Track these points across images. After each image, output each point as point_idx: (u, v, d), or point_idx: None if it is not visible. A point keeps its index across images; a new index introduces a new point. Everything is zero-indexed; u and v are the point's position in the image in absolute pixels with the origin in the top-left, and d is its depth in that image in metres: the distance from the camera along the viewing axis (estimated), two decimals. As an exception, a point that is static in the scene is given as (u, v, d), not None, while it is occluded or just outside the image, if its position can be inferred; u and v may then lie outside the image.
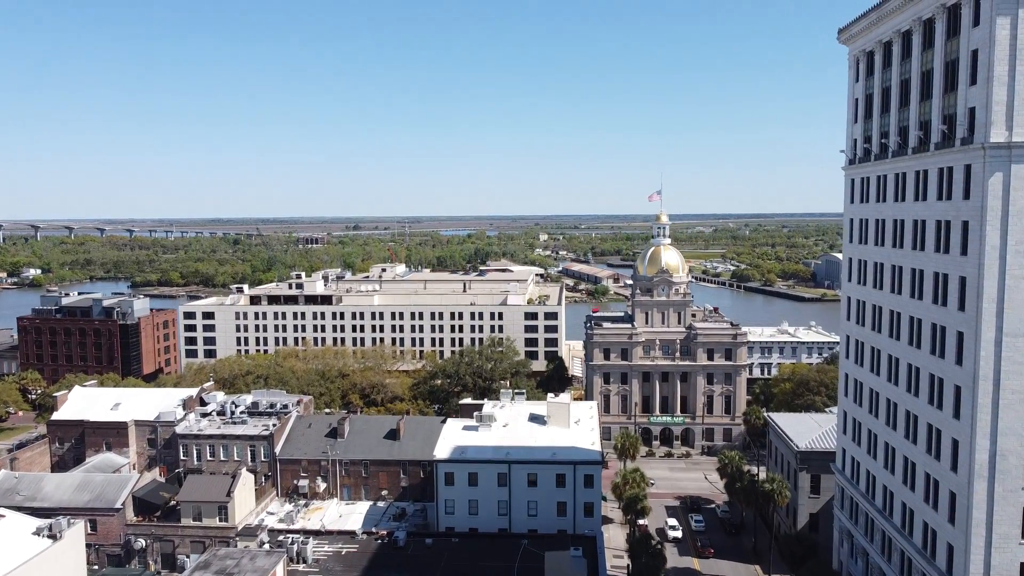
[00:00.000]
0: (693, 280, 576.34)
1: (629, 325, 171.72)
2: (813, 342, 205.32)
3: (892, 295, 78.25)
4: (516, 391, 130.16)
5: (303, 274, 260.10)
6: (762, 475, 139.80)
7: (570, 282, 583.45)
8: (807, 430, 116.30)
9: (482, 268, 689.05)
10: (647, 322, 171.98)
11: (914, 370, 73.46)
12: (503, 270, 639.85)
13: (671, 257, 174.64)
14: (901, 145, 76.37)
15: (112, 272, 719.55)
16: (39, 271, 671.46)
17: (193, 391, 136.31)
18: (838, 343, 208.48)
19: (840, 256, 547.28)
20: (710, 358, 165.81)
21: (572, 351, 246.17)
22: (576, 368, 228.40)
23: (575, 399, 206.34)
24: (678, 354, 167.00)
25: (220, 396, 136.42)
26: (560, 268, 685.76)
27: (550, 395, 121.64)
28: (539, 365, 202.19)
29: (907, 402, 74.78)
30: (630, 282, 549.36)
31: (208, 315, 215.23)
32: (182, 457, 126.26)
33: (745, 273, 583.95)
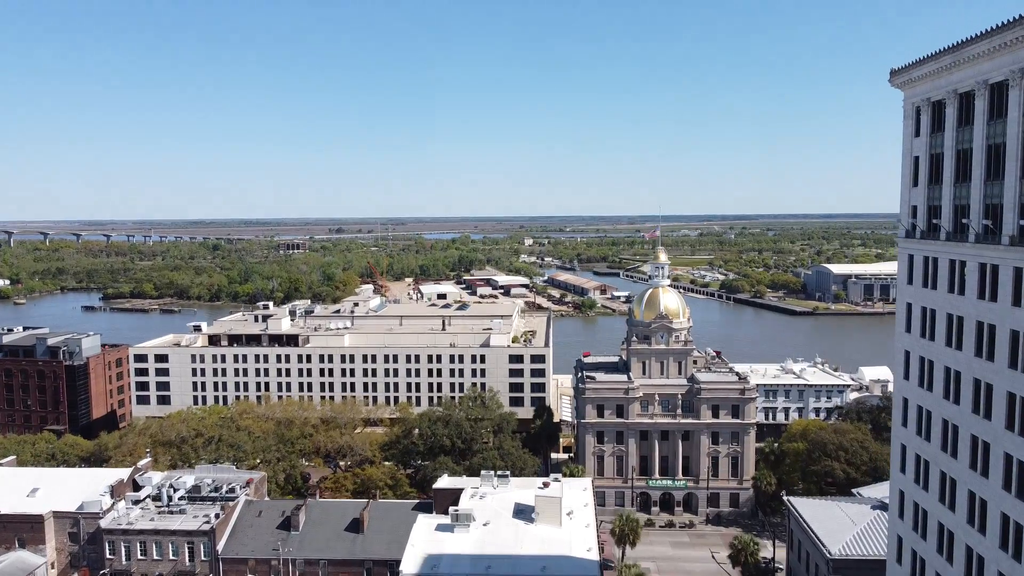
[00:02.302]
0: (681, 291, 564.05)
1: (624, 377, 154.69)
2: (822, 385, 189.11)
3: (975, 417, 61.57)
4: (499, 473, 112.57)
5: (271, 304, 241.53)
6: (779, 555, 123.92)
7: (556, 293, 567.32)
8: (838, 527, 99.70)
9: (466, 278, 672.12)
10: (644, 372, 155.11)
11: (1013, 524, 56.78)
12: (487, 280, 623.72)
13: (671, 300, 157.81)
14: (991, 230, 59.65)
15: (85, 282, 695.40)
16: (7, 282, 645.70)
17: (125, 472, 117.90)
18: (848, 386, 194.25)
19: (831, 268, 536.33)
20: (715, 415, 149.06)
21: (560, 387, 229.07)
22: (565, 408, 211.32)
23: (564, 447, 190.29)
24: (679, 411, 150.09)
25: (156, 477, 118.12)
26: (546, 278, 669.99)
27: (538, 488, 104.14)
28: (525, 412, 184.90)
29: (1000, 561, 58.12)
30: (617, 294, 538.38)
31: (161, 358, 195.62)
32: (108, 556, 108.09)
33: (734, 284, 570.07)
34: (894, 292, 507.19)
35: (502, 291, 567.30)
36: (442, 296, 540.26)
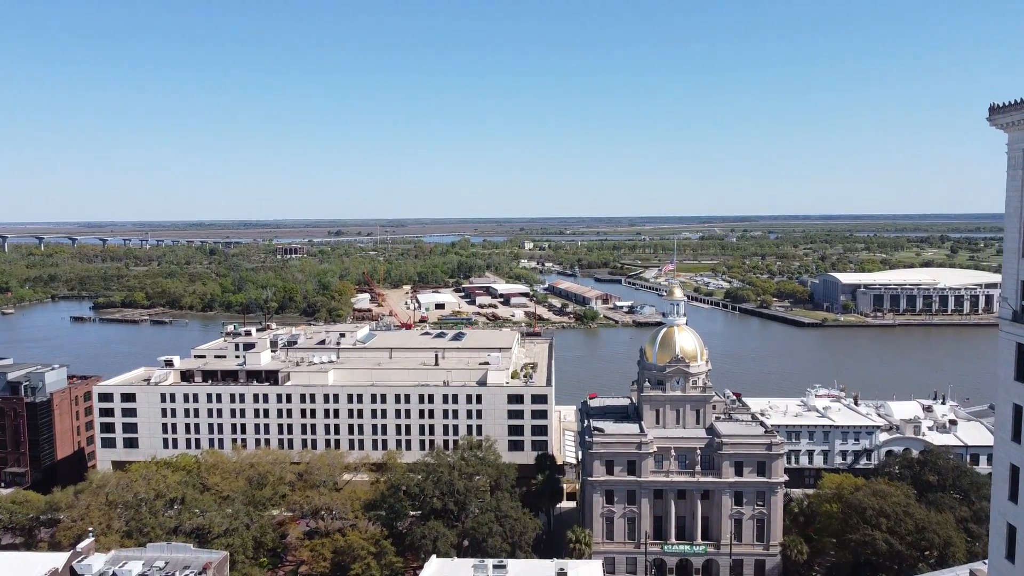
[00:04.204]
0: (684, 300, 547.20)
1: (635, 427, 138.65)
2: (849, 426, 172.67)
3: None
4: (496, 563, 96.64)
5: (252, 330, 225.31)
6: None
7: (557, 303, 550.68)
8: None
9: (465, 286, 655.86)
10: (658, 421, 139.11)
11: None
12: (487, 288, 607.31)
13: (687, 341, 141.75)
14: None
15: (77, 289, 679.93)
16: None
17: (60, 559, 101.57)
18: (878, 426, 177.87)
19: (839, 277, 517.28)
20: (738, 473, 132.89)
21: (563, 422, 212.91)
22: (568, 447, 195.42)
23: (569, 494, 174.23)
24: (698, 467, 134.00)
25: (97, 563, 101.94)
26: (546, 285, 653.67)
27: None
28: (525, 457, 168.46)
29: None
30: (620, 303, 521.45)
31: (128, 397, 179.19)
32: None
33: (739, 293, 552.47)
34: (904, 303, 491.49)
35: (502, 300, 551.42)
36: (440, 306, 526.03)
